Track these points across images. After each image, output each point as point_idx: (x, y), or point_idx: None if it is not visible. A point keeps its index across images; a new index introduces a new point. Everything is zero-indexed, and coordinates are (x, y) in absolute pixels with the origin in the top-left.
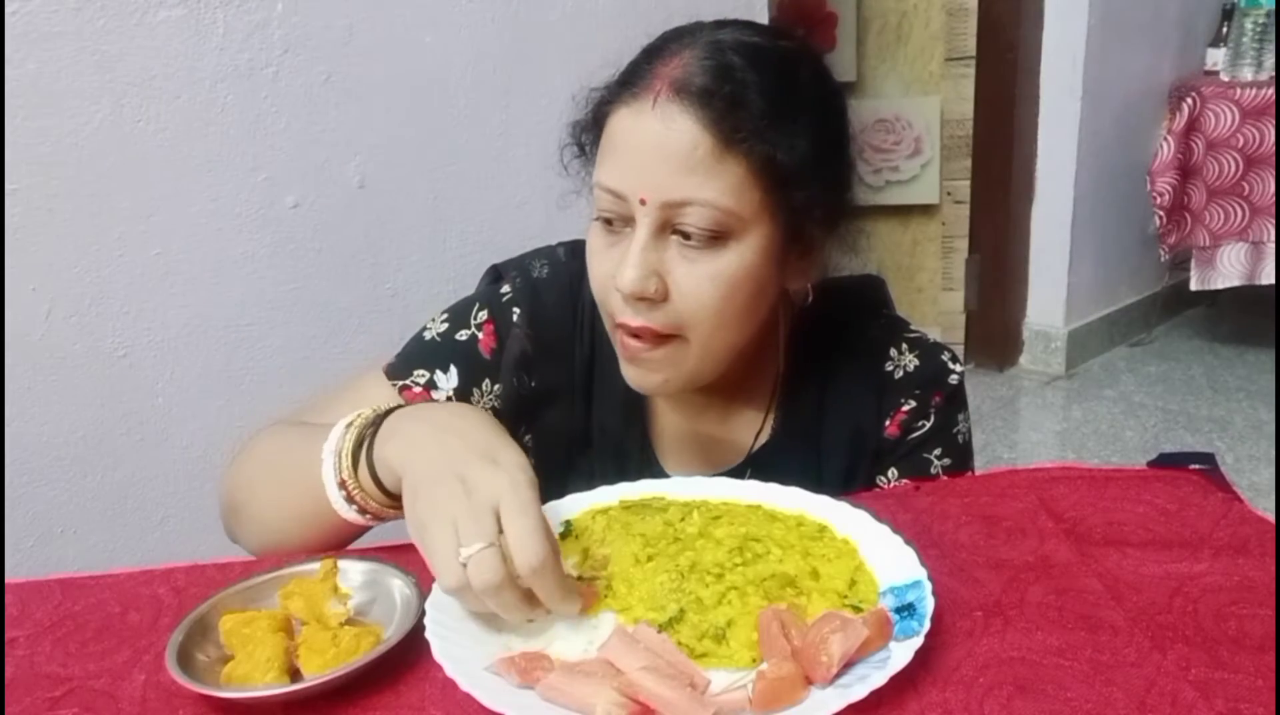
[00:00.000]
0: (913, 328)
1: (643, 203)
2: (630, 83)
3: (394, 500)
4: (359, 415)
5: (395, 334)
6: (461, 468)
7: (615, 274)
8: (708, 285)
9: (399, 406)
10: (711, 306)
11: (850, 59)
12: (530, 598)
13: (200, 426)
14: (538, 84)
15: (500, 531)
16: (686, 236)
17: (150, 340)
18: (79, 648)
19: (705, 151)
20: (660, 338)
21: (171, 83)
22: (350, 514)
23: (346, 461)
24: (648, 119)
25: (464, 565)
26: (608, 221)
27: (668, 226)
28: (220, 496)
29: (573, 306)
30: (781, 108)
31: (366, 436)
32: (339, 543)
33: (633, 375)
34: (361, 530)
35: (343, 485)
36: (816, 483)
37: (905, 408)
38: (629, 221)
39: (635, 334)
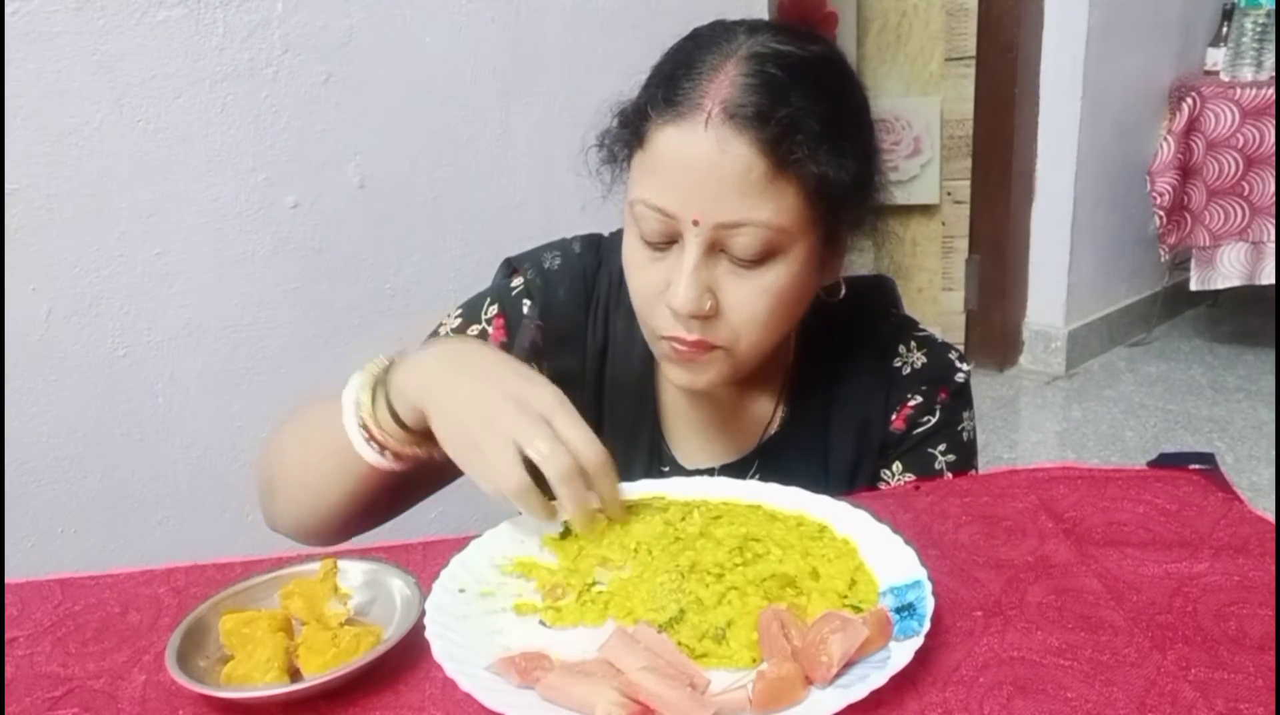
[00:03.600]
0: (921, 327)
1: (696, 223)
2: (674, 100)
3: (412, 435)
4: (365, 370)
5: (395, 334)
6: (500, 384)
7: (666, 292)
8: (759, 300)
9: (402, 352)
10: (762, 319)
11: (850, 59)
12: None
13: (200, 426)
14: (538, 84)
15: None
16: (737, 255)
17: (150, 340)
18: (79, 648)
19: (759, 175)
20: (709, 347)
21: (171, 83)
22: (372, 455)
23: (366, 401)
24: (699, 140)
25: (526, 461)
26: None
27: (718, 245)
28: (256, 484)
29: (586, 298)
30: (833, 128)
31: (382, 375)
32: (372, 510)
33: (678, 376)
34: (395, 497)
35: (364, 426)
36: (823, 474)
37: (911, 402)
38: (675, 238)
39: (688, 346)
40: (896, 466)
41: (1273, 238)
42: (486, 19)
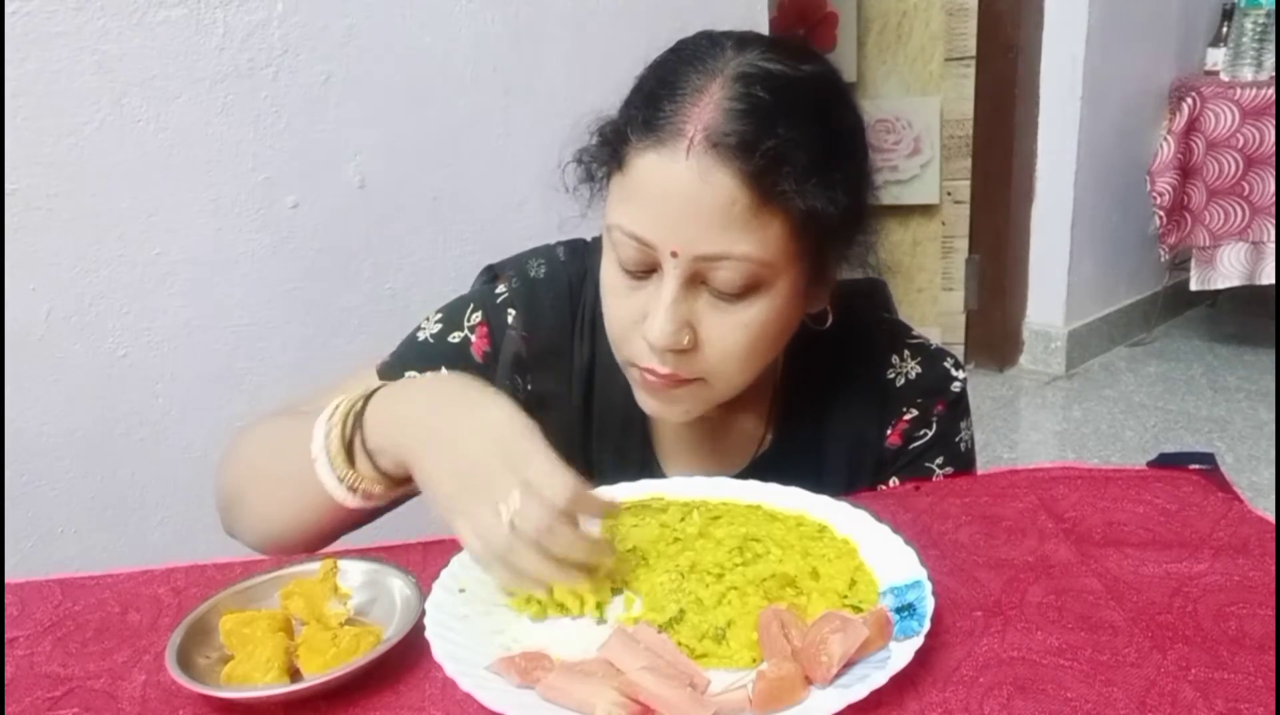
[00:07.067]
0: (915, 333)
1: (674, 255)
2: (655, 123)
3: (389, 479)
4: (335, 408)
5: (395, 334)
6: (482, 438)
7: (642, 323)
8: (739, 334)
9: (373, 391)
10: (741, 353)
11: (850, 59)
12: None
13: (200, 426)
14: (538, 84)
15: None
16: (718, 288)
17: (150, 340)
18: (79, 648)
19: (743, 207)
20: (684, 381)
21: (171, 83)
22: (356, 502)
23: (339, 458)
24: (680, 169)
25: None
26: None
27: (698, 277)
28: (216, 491)
29: (571, 309)
30: (823, 159)
31: (352, 430)
32: (340, 531)
33: (651, 406)
34: (357, 523)
35: (343, 480)
36: (817, 490)
37: (907, 417)
38: (653, 267)
39: (660, 378)
40: (893, 482)
41: (1273, 238)
42: (486, 19)
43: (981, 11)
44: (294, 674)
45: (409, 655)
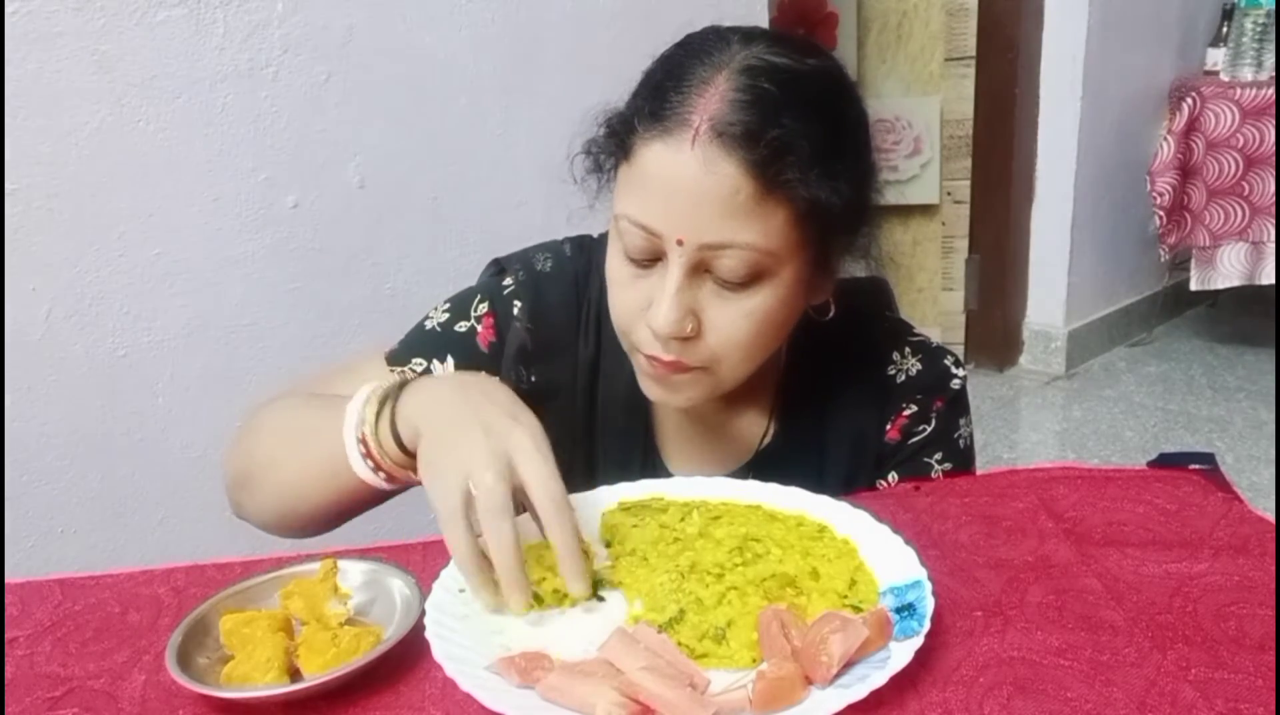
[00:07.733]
0: (916, 331)
1: (679, 243)
2: (661, 114)
3: (410, 459)
4: (378, 385)
5: (395, 334)
6: (482, 417)
7: (647, 311)
8: (743, 323)
9: (424, 375)
10: (745, 342)
11: (850, 59)
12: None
13: (200, 426)
14: (538, 84)
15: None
16: (722, 277)
17: (150, 340)
18: (79, 648)
19: (747, 196)
20: (688, 368)
21: (171, 83)
22: (365, 472)
23: (370, 418)
24: (686, 158)
25: (469, 491)
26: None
27: (702, 266)
28: (227, 469)
29: (576, 303)
30: (826, 150)
31: (391, 396)
32: (351, 514)
33: (656, 393)
34: (376, 502)
35: (362, 440)
36: (818, 485)
37: (906, 412)
38: (659, 256)
39: (664, 365)
40: (892, 477)
41: (1273, 238)
42: (486, 19)
43: (981, 11)
44: (294, 674)
45: (409, 655)
